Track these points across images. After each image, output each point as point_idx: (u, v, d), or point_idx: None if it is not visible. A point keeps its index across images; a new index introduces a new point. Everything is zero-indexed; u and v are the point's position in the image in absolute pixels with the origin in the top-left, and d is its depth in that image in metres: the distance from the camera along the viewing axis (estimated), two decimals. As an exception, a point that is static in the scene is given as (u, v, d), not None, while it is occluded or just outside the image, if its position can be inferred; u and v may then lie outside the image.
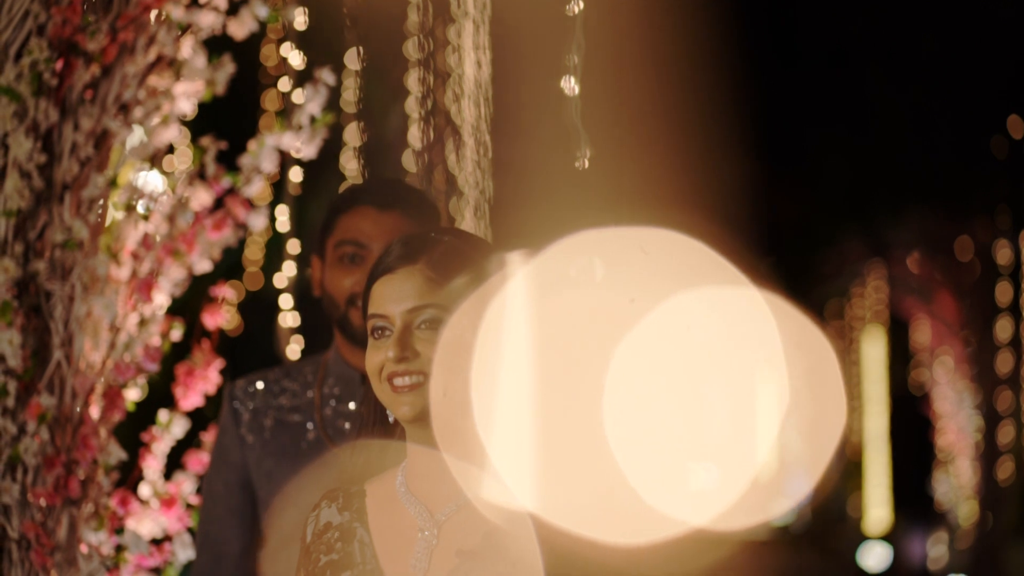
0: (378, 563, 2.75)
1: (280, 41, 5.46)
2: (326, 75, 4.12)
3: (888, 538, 16.97)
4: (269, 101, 10.05)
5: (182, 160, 4.17)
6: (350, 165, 11.91)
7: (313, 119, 4.13)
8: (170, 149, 4.10)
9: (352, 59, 10.24)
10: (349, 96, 10.32)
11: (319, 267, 3.81)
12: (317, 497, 2.92)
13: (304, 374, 3.85)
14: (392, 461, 2.86)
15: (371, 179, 4.03)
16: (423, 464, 2.78)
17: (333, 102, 4.22)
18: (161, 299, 3.97)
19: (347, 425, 3.76)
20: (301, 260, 5.96)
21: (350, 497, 2.82)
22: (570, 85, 4.14)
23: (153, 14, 3.85)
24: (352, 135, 11.64)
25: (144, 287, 3.92)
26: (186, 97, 3.99)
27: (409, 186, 3.92)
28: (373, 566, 2.74)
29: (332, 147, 4.73)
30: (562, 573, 2.65)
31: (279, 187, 6.05)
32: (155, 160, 4.02)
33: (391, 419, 2.82)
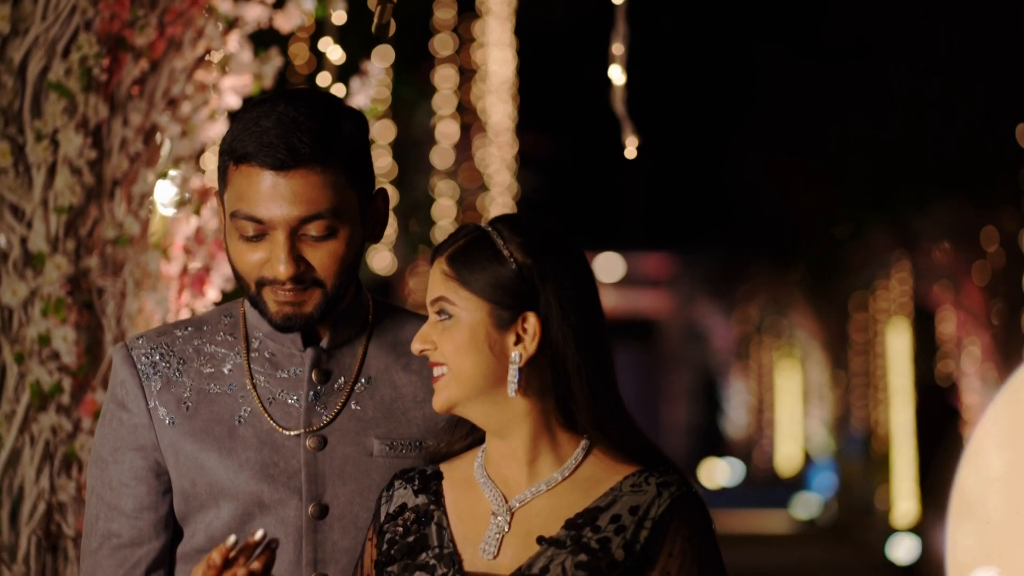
0: (455, 547, 2.73)
1: (312, 38, 5.44)
2: (372, 66, 4.11)
3: (916, 530, 16.94)
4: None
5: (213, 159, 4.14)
6: (380, 162, 11.92)
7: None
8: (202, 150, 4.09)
9: (380, 56, 10.23)
10: (376, 93, 10.33)
11: (222, 213, 2.92)
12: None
13: (218, 330, 2.98)
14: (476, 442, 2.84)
15: (263, 110, 2.82)
16: (495, 448, 2.77)
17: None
18: (213, 294, 3.96)
19: (291, 398, 2.93)
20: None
21: (427, 479, 2.81)
22: (617, 74, 4.13)
23: (205, 8, 3.84)
24: (381, 132, 11.66)
25: (196, 282, 3.91)
26: (233, 91, 3.98)
27: (326, 117, 2.82)
28: (450, 550, 2.72)
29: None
30: None
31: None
32: (197, 157, 4.01)
33: None
